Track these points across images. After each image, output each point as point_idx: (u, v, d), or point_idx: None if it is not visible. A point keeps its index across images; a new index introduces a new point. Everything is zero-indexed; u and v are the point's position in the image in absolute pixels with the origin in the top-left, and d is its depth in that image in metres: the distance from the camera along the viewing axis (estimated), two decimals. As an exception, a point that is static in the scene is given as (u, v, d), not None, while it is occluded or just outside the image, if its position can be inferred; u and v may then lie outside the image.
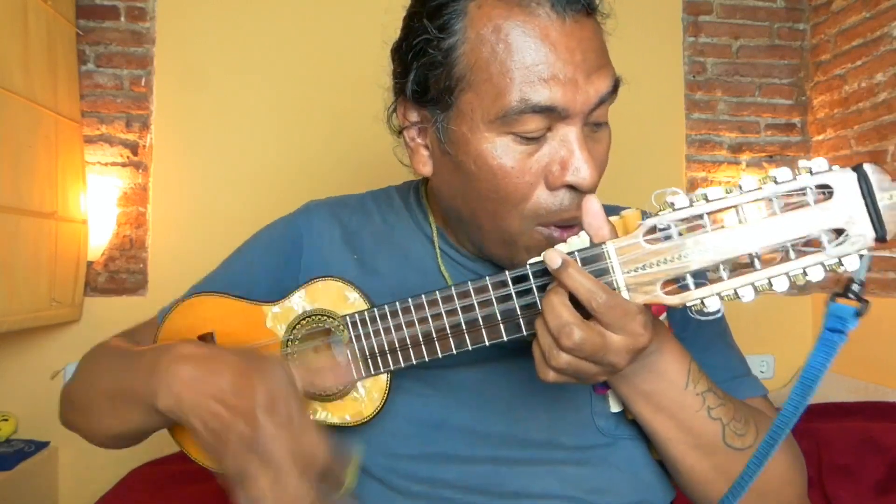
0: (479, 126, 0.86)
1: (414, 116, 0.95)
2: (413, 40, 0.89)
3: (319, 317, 0.93)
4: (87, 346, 1.06)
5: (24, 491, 2.55)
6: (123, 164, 2.93)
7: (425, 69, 0.89)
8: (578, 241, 0.79)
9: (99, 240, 2.86)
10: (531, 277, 0.81)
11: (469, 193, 0.91)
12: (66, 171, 2.66)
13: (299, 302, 0.94)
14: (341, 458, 0.81)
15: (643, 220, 0.75)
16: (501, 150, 0.86)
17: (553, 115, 0.83)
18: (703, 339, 0.99)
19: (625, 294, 0.75)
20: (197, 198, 2.95)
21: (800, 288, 3.30)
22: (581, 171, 0.85)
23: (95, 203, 2.85)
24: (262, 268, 1.08)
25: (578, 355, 0.75)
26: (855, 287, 0.70)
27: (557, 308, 0.75)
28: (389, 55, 0.98)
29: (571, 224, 0.88)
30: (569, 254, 0.77)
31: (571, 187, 0.86)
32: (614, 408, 0.95)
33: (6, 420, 2.68)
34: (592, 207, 0.78)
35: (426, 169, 0.97)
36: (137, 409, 0.86)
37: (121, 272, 2.92)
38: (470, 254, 1.03)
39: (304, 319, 0.94)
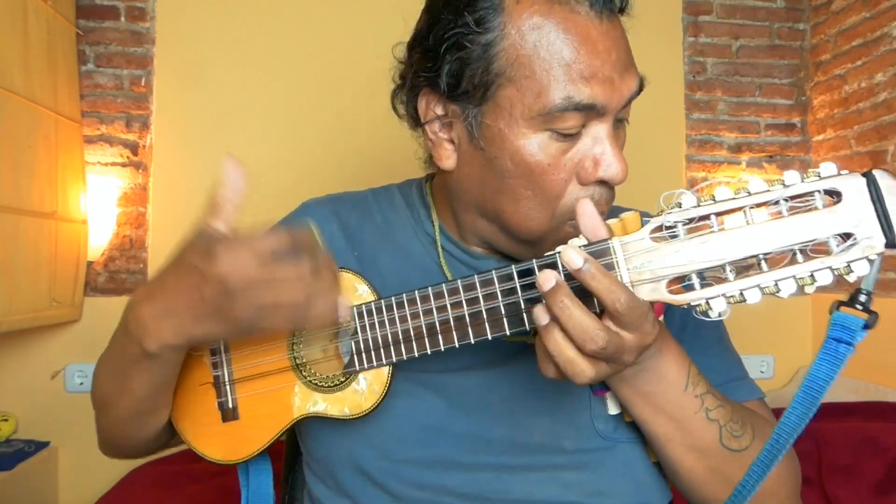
0: (518, 122, 0.86)
1: (440, 110, 0.95)
2: (444, 33, 0.89)
3: None
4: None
5: (24, 491, 2.55)
6: (123, 164, 2.92)
7: (460, 63, 0.88)
8: (577, 243, 0.80)
9: (99, 240, 2.86)
10: (537, 272, 0.81)
11: (501, 190, 0.91)
12: (66, 171, 2.65)
13: None
14: (297, 233, 0.79)
15: (642, 222, 0.76)
16: (538, 147, 0.87)
17: (591, 112, 0.85)
18: (700, 342, 0.99)
19: None
20: (197, 198, 2.91)
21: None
22: (613, 167, 0.86)
23: (95, 203, 2.84)
24: None
25: (601, 357, 0.75)
26: (862, 297, 0.70)
27: (576, 314, 0.74)
28: (407, 47, 0.98)
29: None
30: None
31: (602, 182, 0.88)
32: (612, 410, 0.96)
33: (6, 420, 2.68)
34: (587, 210, 0.79)
35: (449, 163, 0.97)
36: (139, 369, 0.86)
37: (121, 272, 2.91)
38: (475, 251, 1.03)
39: None
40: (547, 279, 0.75)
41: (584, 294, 0.75)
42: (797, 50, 3.34)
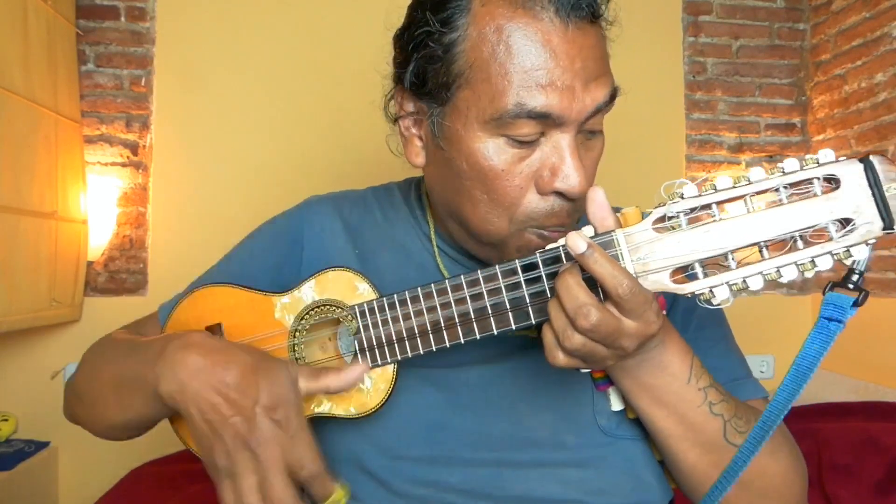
0: (473, 125, 0.86)
1: (410, 107, 0.95)
2: (415, 31, 0.89)
3: (328, 307, 0.93)
4: (87, 346, 1.06)
5: (24, 491, 2.55)
6: (123, 164, 2.93)
7: (425, 62, 0.88)
8: (585, 233, 0.80)
9: (99, 240, 2.86)
10: (541, 265, 0.81)
11: (459, 191, 0.91)
12: (66, 171, 2.66)
13: (309, 292, 0.94)
14: (329, 476, 0.82)
15: (643, 218, 0.76)
16: (493, 151, 0.86)
17: (548, 121, 0.83)
18: (703, 341, 0.98)
19: None
20: (197, 198, 2.95)
21: (801, 286, 3.31)
22: (570, 178, 0.84)
23: (95, 203, 2.85)
24: (262, 263, 1.08)
25: (593, 337, 0.75)
26: (854, 277, 0.71)
27: (574, 289, 0.75)
28: (392, 42, 0.98)
29: (560, 229, 0.88)
30: None
31: (561, 194, 0.86)
32: (615, 406, 0.95)
33: (6, 420, 2.68)
34: (597, 198, 0.79)
35: (419, 160, 0.97)
36: (140, 395, 0.86)
37: (121, 272, 2.91)
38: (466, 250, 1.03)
39: (312, 309, 0.94)
40: (576, 243, 0.75)
41: (591, 284, 0.76)
42: (797, 50, 3.35)
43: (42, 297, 2.50)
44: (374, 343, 0.90)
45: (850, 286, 0.71)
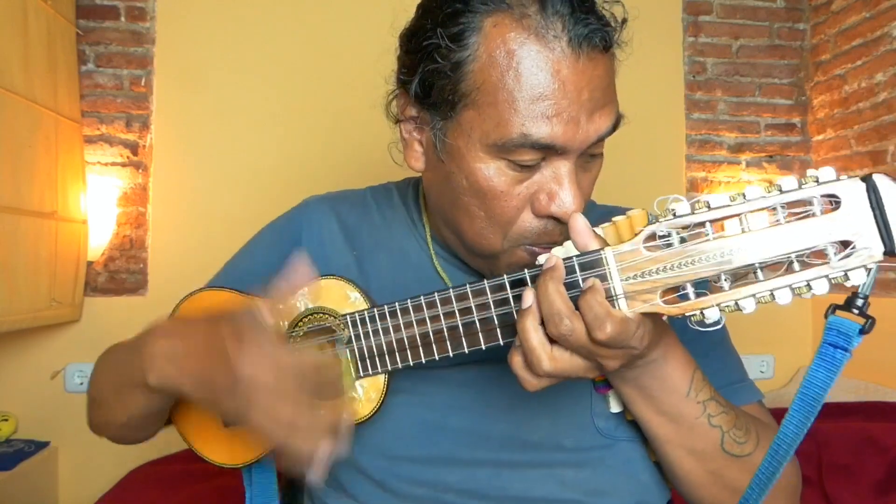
0: (476, 145, 0.86)
1: (412, 112, 0.94)
2: (423, 41, 0.88)
3: (321, 315, 0.94)
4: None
5: (24, 491, 2.55)
6: (123, 164, 2.93)
7: (431, 75, 0.88)
8: (567, 250, 0.80)
9: (99, 240, 2.86)
10: (529, 282, 0.80)
11: (457, 204, 0.91)
12: (66, 171, 2.65)
13: (302, 300, 0.95)
14: (332, 367, 0.80)
15: (649, 220, 0.73)
16: (494, 173, 0.86)
17: (550, 150, 0.83)
18: (701, 344, 0.98)
19: (622, 302, 0.74)
20: (197, 198, 2.95)
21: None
22: (566, 204, 0.85)
23: (95, 203, 2.85)
24: (264, 266, 1.07)
25: (568, 346, 0.75)
26: (859, 302, 0.68)
27: (554, 300, 0.74)
28: (398, 40, 0.96)
29: (553, 246, 0.88)
30: (566, 259, 0.76)
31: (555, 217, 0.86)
32: (614, 408, 0.96)
33: (6, 420, 2.68)
34: (578, 225, 0.78)
35: (418, 164, 0.97)
36: (138, 393, 0.87)
37: (121, 272, 2.91)
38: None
39: (305, 317, 0.95)
40: (549, 259, 0.76)
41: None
42: (797, 50, 3.34)
43: (42, 297, 2.49)
44: (366, 353, 0.90)
45: (855, 311, 0.68)
